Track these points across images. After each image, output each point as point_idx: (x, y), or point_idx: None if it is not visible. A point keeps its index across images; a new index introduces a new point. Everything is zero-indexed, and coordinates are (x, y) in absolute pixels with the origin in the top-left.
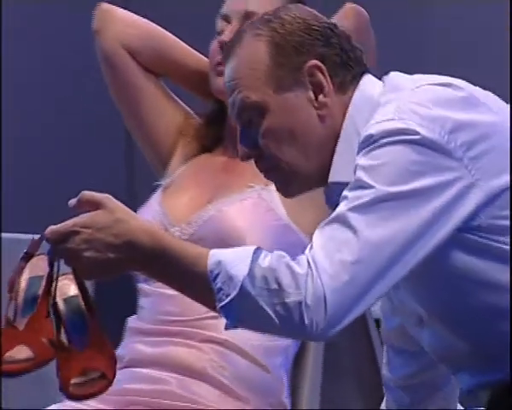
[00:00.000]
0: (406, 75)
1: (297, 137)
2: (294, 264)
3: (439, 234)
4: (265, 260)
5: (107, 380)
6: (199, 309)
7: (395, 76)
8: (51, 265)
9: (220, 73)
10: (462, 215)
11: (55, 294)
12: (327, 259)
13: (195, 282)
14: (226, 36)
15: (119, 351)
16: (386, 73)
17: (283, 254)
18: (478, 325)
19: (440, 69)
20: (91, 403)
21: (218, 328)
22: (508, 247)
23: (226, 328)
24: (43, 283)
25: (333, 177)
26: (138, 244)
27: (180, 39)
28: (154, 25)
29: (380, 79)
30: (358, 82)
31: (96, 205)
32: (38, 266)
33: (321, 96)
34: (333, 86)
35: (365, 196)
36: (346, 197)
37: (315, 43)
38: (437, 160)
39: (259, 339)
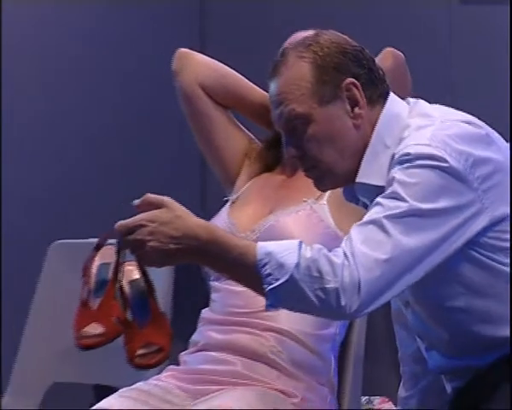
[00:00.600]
0: (431, 105)
1: (336, 141)
2: (332, 255)
3: (454, 246)
4: (308, 251)
5: (164, 352)
6: (261, 302)
7: (422, 103)
8: (118, 253)
9: None
10: (471, 234)
11: (122, 278)
12: (364, 255)
13: (244, 269)
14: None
15: (195, 337)
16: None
17: (322, 247)
18: (457, 321)
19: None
20: (171, 381)
21: (276, 319)
22: (501, 265)
23: (267, 309)
24: (112, 269)
25: (360, 178)
26: (195, 236)
27: (246, 78)
28: (225, 66)
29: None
30: (385, 99)
31: (158, 205)
32: (107, 254)
33: (356, 109)
34: (364, 100)
35: (400, 207)
36: (380, 204)
37: (349, 64)
38: (459, 187)
39: (312, 329)
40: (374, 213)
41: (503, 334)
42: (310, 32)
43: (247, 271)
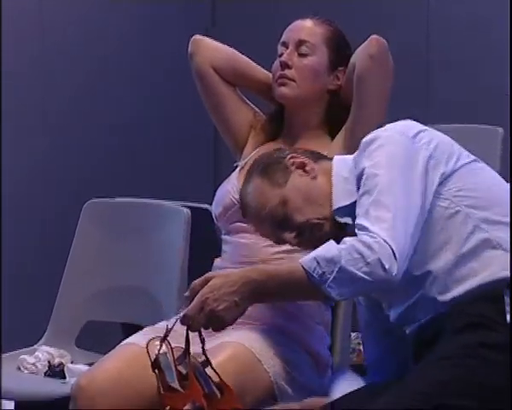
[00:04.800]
0: None
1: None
2: (359, 239)
3: (428, 189)
4: (341, 244)
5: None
6: (265, 253)
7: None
8: (188, 338)
9: (280, 84)
10: (435, 179)
11: (194, 361)
12: (381, 230)
13: (299, 284)
14: (284, 57)
15: None
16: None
17: (346, 239)
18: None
19: None
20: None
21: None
22: (452, 210)
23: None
24: (182, 354)
25: (336, 205)
26: (251, 280)
27: (251, 59)
28: (233, 49)
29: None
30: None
31: (203, 283)
32: (169, 342)
33: None
34: None
35: (378, 182)
36: (365, 191)
37: None
38: (414, 149)
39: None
40: (365, 199)
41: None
42: None
43: (303, 284)
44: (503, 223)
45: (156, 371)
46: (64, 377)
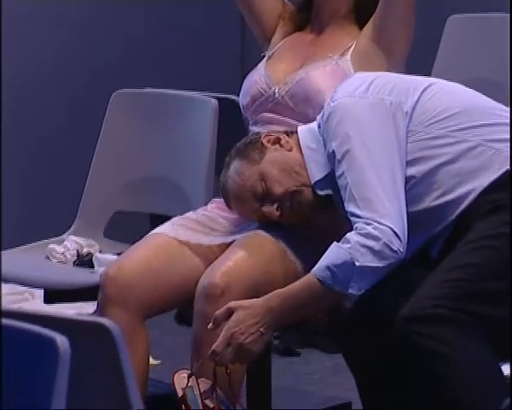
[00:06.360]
0: None
1: None
2: (359, 232)
3: (401, 137)
4: (344, 244)
5: None
6: None
7: None
8: (215, 374)
9: None
10: (402, 123)
11: (220, 395)
12: (372, 212)
13: (317, 297)
14: None
15: None
16: None
17: (347, 235)
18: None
19: None
20: (216, 211)
21: None
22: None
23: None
24: (208, 389)
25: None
26: (271, 309)
27: None
28: None
29: None
30: None
31: (226, 315)
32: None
33: None
34: None
35: (351, 158)
36: (341, 174)
37: None
38: (373, 105)
39: None
40: (343, 181)
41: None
42: None
43: (321, 295)
44: (485, 125)
45: (183, 406)
46: (92, 267)
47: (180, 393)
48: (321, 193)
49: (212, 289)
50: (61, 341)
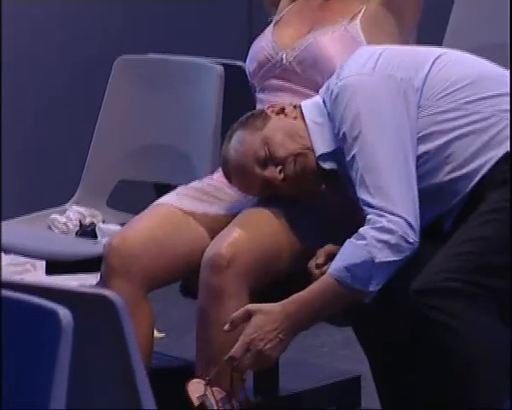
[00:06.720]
0: None
1: None
2: (373, 226)
3: (412, 114)
4: (360, 241)
5: None
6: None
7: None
8: (232, 382)
9: None
10: (413, 99)
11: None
12: (385, 201)
13: (335, 299)
14: None
15: None
16: None
17: (361, 229)
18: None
19: None
20: (223, 180)
21: None
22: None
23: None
24: (224, 396)
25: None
26: (289, 315)
27: None
28: None
29: None
30: None
31: (245, 317)
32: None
33: None
34: None
35: (362, 142)
36: (352, 158)
37: None
38: (381, 84)
39: None
40: (355, 165)
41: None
42: None
43: (339, 296)
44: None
45: None
46: (95, 238)
47: (196, 402)
48: (325, 166)
49: (218, 260)
50: (64, 313)
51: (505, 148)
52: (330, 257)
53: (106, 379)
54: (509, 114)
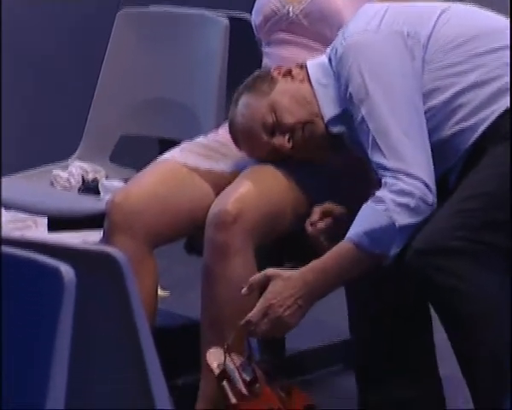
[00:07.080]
0: None
1: None
2: (390, 188)
3: (418, 71)
4: (379, 205)
5: None
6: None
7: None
8: (250, 346)
9: None
10: (418, 55)
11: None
12: (400, 162)
13: (354, 263)
14: None
15: None
16: None
17: (378, 193)
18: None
19: None
20: (228, 136)
21: None
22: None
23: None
24: (243, 362)
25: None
26: (309, 281)
27: None
28: None
29: None
30: None
31: (263, 281)
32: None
33: None
34: None
35: (372, 103)
36: (363, 120)
37: None
38: (386, 42)
39: None
40: (365, 127)
41: None
42: None
43: (358, 260)
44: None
45: (225, 382)
46: (98, 194)
47: (217, 370)
48: (334, 130)
49: (224, 216)
50: (66, 270)
51: (510, 99)
52: (325, 215)
53: (109, 338)
54: None
